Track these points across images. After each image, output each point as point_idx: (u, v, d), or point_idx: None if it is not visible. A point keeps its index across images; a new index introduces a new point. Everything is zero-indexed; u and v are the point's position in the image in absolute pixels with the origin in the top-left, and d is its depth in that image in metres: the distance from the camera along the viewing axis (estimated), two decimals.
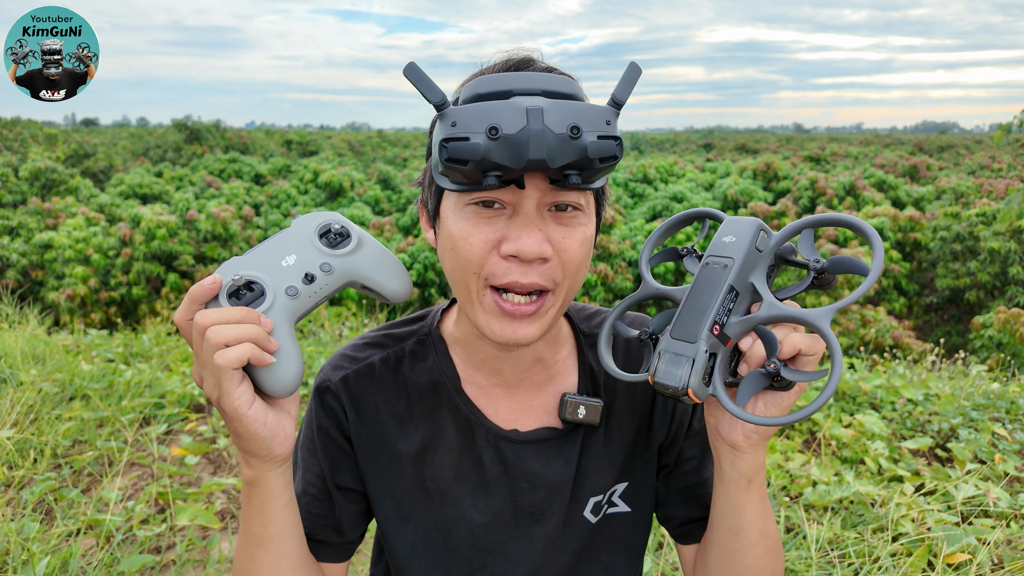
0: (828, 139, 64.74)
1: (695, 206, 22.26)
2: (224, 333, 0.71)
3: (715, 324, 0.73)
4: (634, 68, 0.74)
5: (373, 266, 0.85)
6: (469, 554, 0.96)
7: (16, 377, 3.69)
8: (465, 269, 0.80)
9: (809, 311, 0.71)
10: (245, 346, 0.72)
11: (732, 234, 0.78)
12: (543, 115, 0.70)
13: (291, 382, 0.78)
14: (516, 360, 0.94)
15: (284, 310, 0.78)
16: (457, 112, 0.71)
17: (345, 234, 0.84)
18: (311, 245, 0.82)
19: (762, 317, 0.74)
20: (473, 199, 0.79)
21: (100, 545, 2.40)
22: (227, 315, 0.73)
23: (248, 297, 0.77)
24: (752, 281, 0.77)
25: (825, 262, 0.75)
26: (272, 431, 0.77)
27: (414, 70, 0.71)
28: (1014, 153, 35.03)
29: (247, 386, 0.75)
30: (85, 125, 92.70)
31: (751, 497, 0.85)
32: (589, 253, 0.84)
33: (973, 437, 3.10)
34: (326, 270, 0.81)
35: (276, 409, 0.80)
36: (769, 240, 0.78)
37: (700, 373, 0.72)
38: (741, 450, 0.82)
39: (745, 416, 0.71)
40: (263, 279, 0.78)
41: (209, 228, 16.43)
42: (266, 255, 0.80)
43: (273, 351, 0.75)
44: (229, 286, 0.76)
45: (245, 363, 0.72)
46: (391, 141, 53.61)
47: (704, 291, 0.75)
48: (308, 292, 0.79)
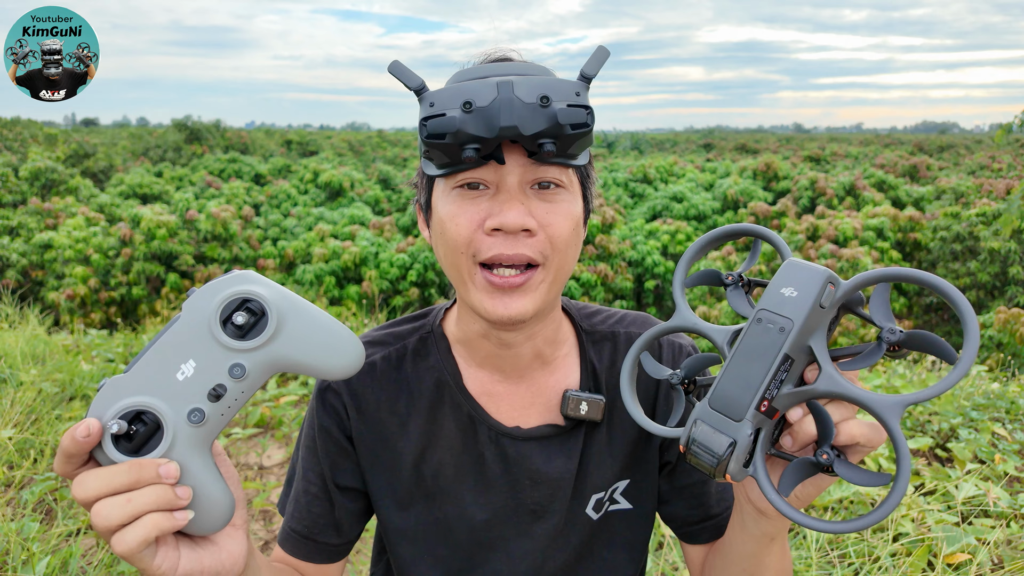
0: (828, 139, 64.76)
1: (695, 206, 22.07)
2: (114, 513, 0.58)
3: (764, 400, 0.64)
4: (602, 50, 0.77)
5: (305, 347, 0.65)
6: (470, 550, 0.97)
7: (16, 377, 3.69)
8: (454, 250, 0.82)
9: (878, 398, 0.61)
10: (147, 522, 0.58)
11: (793, 286, 0.65)
12: (513, 87, 0.73)
13: (220, 522, 0.65)
14: (516, 357, 0.94)
15: (191, 442, 0.62)
16: (435, 94, 0.76)
17: (258, 313, 0.63)
18: (212, 342, 0.62)
19: (820, 392, 0.64)
20: (458, 182, 0.81)
21: (100, 545, 2.40)
22: (112, 481, 0.58)
23: (140, 435, 0.61)
24: (810, 344, 0.65)
25: (902, 334, 0.63)
26: (213, 571, 0.65)
27: (396, 66, 0.77)
28: (1014, 153, 35.03)
29: (167, 548, 0.62)
30: (85, 125, 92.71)
31: (772, 551, 0.84)
32: (577, 232, 0.85)
33: (973, 437, 3.10)
34: (237, 376, 0.62)
35: (214, 541, 0.67)
36: (836, 293, 0.66)
37: (741, 458, 0.64)
38: (770, 517, 0.77)
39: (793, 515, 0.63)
40: (156, 406, 0.61)
41: (209, 228, 16.44)
42: (156, 368, 0.62)
43: (187, 504, 0.62)
44: (113, 428, 0.59)
45: (152, 542, 0.59)
46: (391, 141, 53.64)
47: (754, 357, 0.65)
48: (218, 411, 0.62)
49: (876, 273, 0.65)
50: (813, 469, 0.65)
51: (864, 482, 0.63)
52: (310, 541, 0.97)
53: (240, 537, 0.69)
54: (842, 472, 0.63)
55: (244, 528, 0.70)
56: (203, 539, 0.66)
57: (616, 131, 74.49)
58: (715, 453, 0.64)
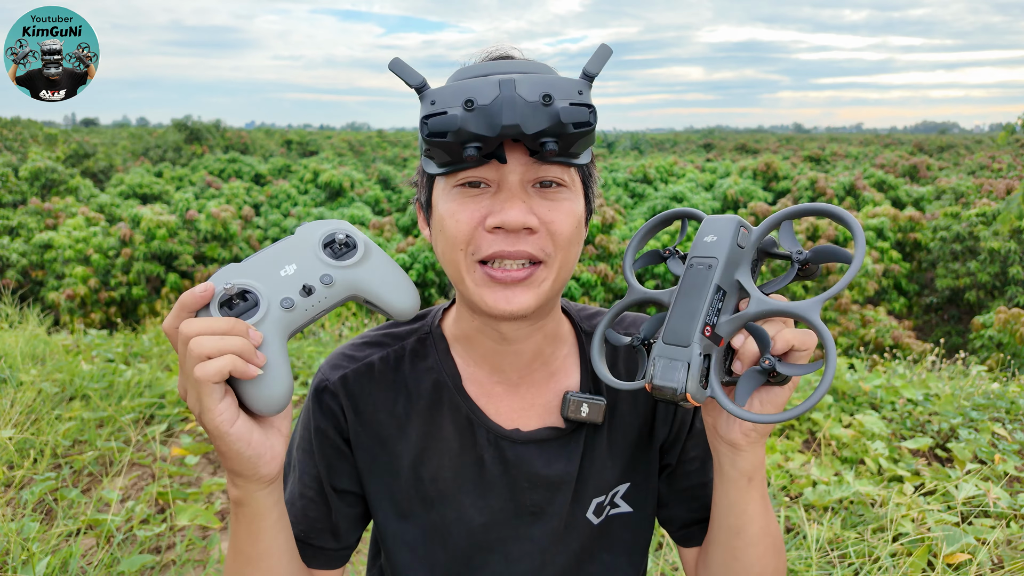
0: (828, 139, 64.72)
1: (695, 206, 22.20)
2: (207, 345, 0.68)
3: (706, 325, 0.73)
4: (604, 48, 0.77)
5: (378, 280, 0.80)
6: (468, 553, 0.96)
7: (16, 377, 3.68)
8: (453, 247, 0.81)
9: (798, 303, 0.71)
10: (227, 358, 0.68)
11: (713, 233, 0.78)
12: (515, 85, 0.73)
13: (279, 400, 0.74)
14: (516, 356, 0.93)
15: (277, 323, 0.74)
16: (436, 92, 0.75)
17: (351, 244, 0.80)
18: (313, 255, 0.78)
19: (752, 313, 0.74)
20: (459, 180, 0.81)
21: (100, 545, 2.40)
22: (213, 325, 0.69)
23: (240, 307, 0.73)
24: (738, 278, 0.77)
25: (807, 252, 0.75)
26: (257, 451, 0.73)
27: (397, 63, 0.77)
28: (1014, 153, 35.02)
29: (230, 402, 0.71)
30: (85, 125, 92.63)
31: (751, 495, 0.85)
32: (579, 230, 0.84)
33: (973, 437, 3.10)
34: (326, 283, 0.77)
35: (263, 427, 0.75)
36: (750, 235, 0.78)
37: (697, 377, 0.72)
38: (740, 448, 0.82)
39: (745, 415, 0.71)
40: (258, 288, 0.74)
41: (209, 228, 16.43)
42: (265, 263, 0.77)
43: (260, 365, 0.71)
44: (221, 294, 0.72)
45: (226, 376, 0.68)
46: (391, 141, 53.61)
47: (691, 293, 0.75)
48: (305, 305, 0.75)
49: (778, 214, 0.77)
50: (760, 376, 0.74)
51: (801, 372, 0.72)
52: (307, 546, 0.95)
53: (283, 442, 0.77)
54: (783, 369, 0.73)
55: (286, 440, 0.78)
56: (257, 420, 0.75)
57: (616, 131, 74.51)
58: (674, 377, 0.72)
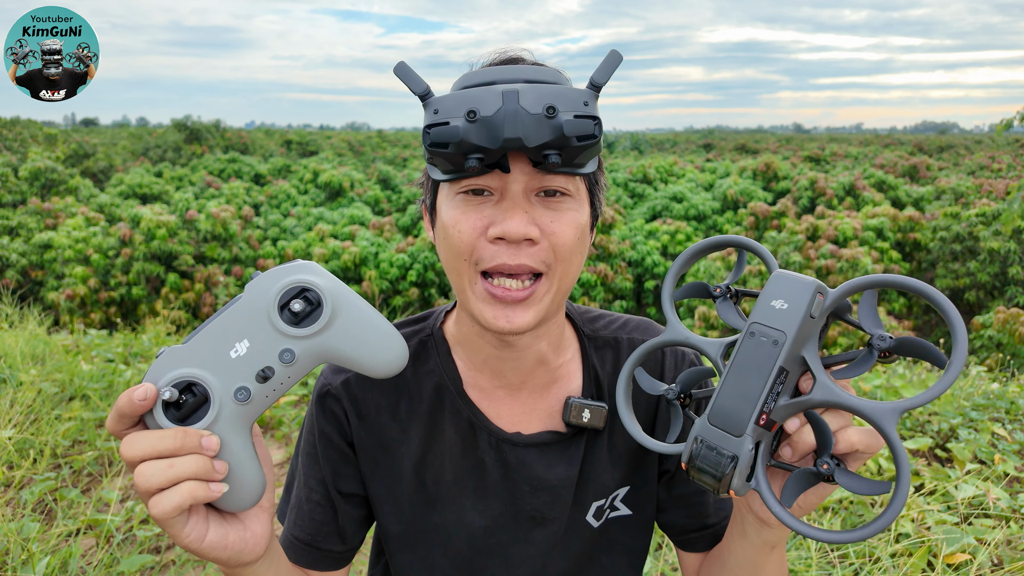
0: (828, 139, 64.75)
1: (695, 206, 22.05)
2: (156, 476, 0.61)
3: (763, 414, 0.65)
4: (614, 55, 0.75)
5: (353, 343, 0.67)
6: (469, 556, 0.96)
7: (16, 377, 3.68)
8: (456, 256, 0.81)
9: (874, 406, 0.62)
10: (184, 488, 0.62)
11: (783, 298, 0.66)
12: (519, 96, 0.71)
13: (250, 500, 0.68)
14: (517, 361, 0.92)
15: (234, 419, 0.65)
16: (439, 100, 0.74)
17: (314, 302, 0.66)
18: (268, 325, 0.65)
19: (816, 402, 0.65)
20: (462, 188, 0.80)
21: (100, 545, 2.40)
22: (159, 446, 0.61)
23: (189, 405, 0.64)
24: (804, 355, 0.66)
25: (892, 341, 0.63)
26: (236, 549, 0.69)
27: (402, 68, 0.75)
28: (1014, 153, 35.03)
29: (196, 520, 0.65)
30: (85, 125, 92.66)
31: (771, 558, 0.83)
32: (583, 241, 0.83)
33: (973, 437, 3.10)
34: (287, 361, 0.65)
35: (241, 519, 0.70)
36: (824, 302, 0.67)
37: (744, 473, 0.64)
38: (772, 527, 0.77)
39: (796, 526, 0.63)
40: (207, 380, 0.64)
41: (209, 228, 16.43)
42: (213, 342, 0.65)
43: (222, 477, 0.65)
44: (166, 394, 0.63)
45: (187, 508, 0.63)
46: (391, 141, 53.62)
47: (750, 372, 0.65)
48: (264, 391, 0.66)
49: (862, 281, 0.65)
50: (814, 479, 0.66)
51: (866, 491, 0.63)
52: (314, 549, 0.96)
53: (265, 519, 0.72)
54: (843, 481, 0.64)
55: (270, 512, 0.73)
56: (231, 516, 0.69)
57: (616, 131, 74.49)
58: (718, 470, 0.65)
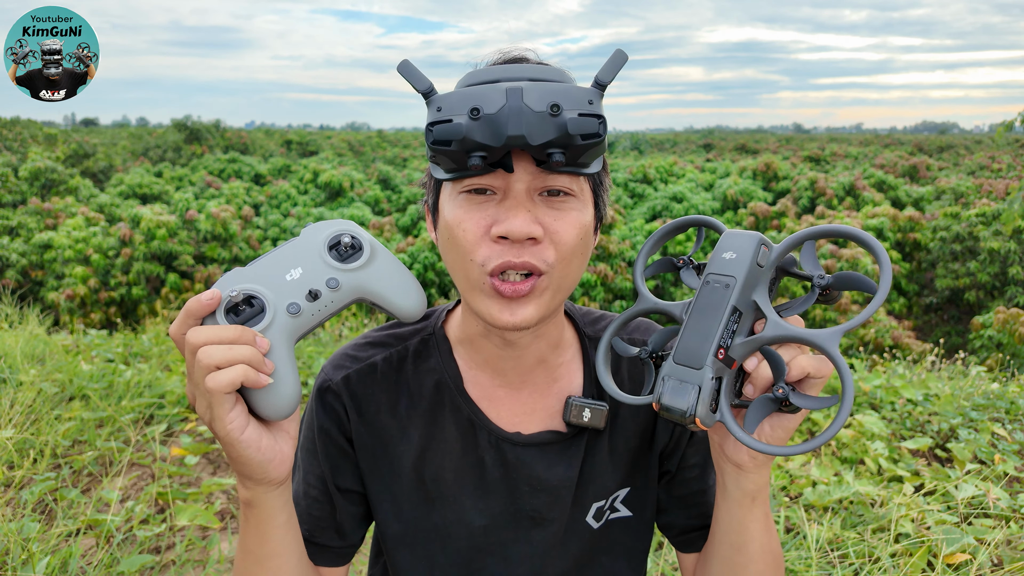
0: (828, 139, 64.73)
1: (695, 206, 22.10)
2: (216, 355, 0.68)
3: (720, 348, 0.71)
4: (619, 54, 0.76)
5: (385, 282, 0.80)
6: (468, 555, 0.96)
7: (16, 377, 3.68)
8: (462, 257, 0.81)
9: (817, 332, 0.69)
10: (238, 369, 0.68)
11: (732, 250, 0.75)
12: (523, 94, 0.72)
13: (287, 406, 0.75)
14: (518, 360, 0.93)
15: (284, 329, 0.74)
16: (442, 98, 0.74)
17: (357, 246, 0.79)
18: (319, 258, 0.78)
19: (767, 337, 0.72)
20: (466, 187, 0.80)
21: (100, 545, 2.40)
22: (221, 334, 0.69)
23: (247, 313, 0.73)
24: (755, 299, 0.74)
25: (830, 278, 0.72)
26: (267, 455, 0.75)
27: (406, 65, 0.76)
28: (1014, 153, 35.04)
29: (240, 409, 0.72)
30: (85, 125, 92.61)
31: (755, 515, 0.84)
32: (586, 241, 0.83)
33: (973, 437, 3.10)
34: (332, 286, 0.77)
35: (273, 431, 0.77)
36: (770, 254, 0.75)
37: (707, 401, 0.70)
38: (747, 470, 0.81)
39: (754, 444, 0.69)
40: (264, 294, 0.74)
41: (209, 228, 16.43)
42: (270, 267, 0.76)
43: (269, 373, 0.72)
44: (227, 301, 0.72)
45: (238, 387, 0.69)
46: (391, 141, 53.60)
47: (707, 313, 0.73)
48: (311, 310, 0.75)
49: (801, 233, 0.74)
50: (772, 404, 0.72)
51: (816, 405, 0.70)
52: (312, 544, 0.96)
53: (291, 445, 0.78)
54: (796, 400, 0.70)
55: (294, 442, 0.79)
56: (266, 425, 0.76)
57: (616, 131, 74.68)
58: (683, 399, 0.70)
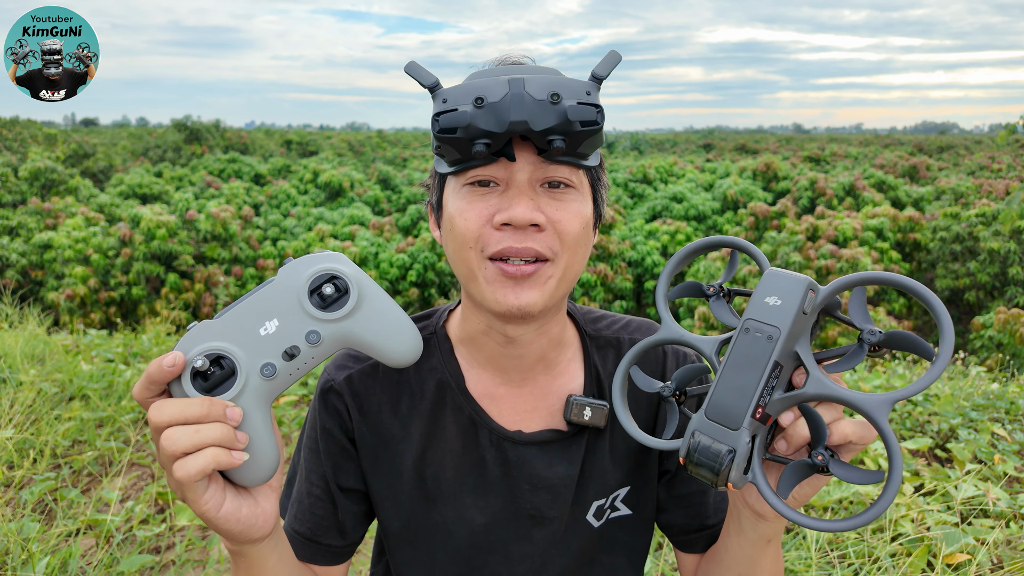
0: (828, 139, 64.77)
1: (695, 206, 22.02)
2: (182, 440, 0.63)
3: (758, 407, 0.66)
4: (613, 54, 0.78)
5: (374, 329, 0.72)
6: (469, 553, 0.96)
7: (16, 377, 3.68)
8: (463, 245, 0.82)
9: (866, 398, 0.63)
10: (207, 454, 0.64)
11: (777, 295, 0.68)
12: (524, 84, 0.75)
13: (265, 474, 0.71)
14: (520, 359, 0.93)
15: (258, 393, 0.68)
16: (447, 91, 0.77)
17: (342, 290, 0.70)
18: (298, 306, 0.69)
19: (810, 395, 0.66)
20: (469, 179, 0.82)
21: (100, 545, 2.40)
22: (187, 412, 0.64)
23: (216, 377, 0.66)
24: (797, 350, 0.68)
25: (881, 335, 0.65)
26: (248, 523, 0.72)
27: (413, 65, 0.79)
28: (1014, 153, 35.05)
29: (216, 488, 0.68)
30: (85, 125, 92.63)
31: (767, 552, 0.85)
32: (587, 232, 0.84)
33: (973, 437, 3.10)
34: (313, 341, 0.69)
35: (254, 493, 0.73)
36: (816, 299, 0.68)
37: (741, 466, 0.65)
38: (768, 520, 0.79)
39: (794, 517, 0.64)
40: (235, 354, 0.67)
41: (209, 228, 16.44)
42: (243, 319, 0.68)
43: (243, 447, 0.67)
44: (197, 363, 0.65)
45: (209, 474, 0.65)
46: (391, 141, 53.63)
47: (745, 367, 0.67)
48: (288, 370, 0.68)
49: (852, 278, 0.67)
50: (809, 470, 0.67)
51: (859, 480, 0.64)
52: (314, 543, 0.96)
53: (274, 499, 0.75)
54: (837, 472, 0.65)
55: (279, 492, 0.76)
56: (244, 490, 0.72)
57: (616, 131, 74.62)
58: (716, 463, 0.66)
